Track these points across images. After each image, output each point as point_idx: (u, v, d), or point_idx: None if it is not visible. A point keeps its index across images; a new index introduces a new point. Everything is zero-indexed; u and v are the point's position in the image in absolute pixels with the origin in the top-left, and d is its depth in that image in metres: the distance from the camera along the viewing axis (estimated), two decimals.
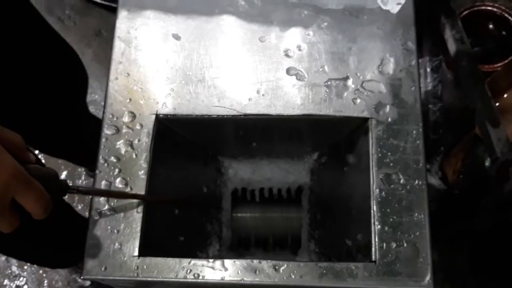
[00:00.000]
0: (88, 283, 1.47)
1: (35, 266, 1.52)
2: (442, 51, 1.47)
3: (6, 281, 1.51)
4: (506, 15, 1.45)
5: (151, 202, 0.73)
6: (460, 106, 1.40)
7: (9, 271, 1.53)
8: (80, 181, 1.62)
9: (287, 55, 0.78)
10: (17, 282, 1.52)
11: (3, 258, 1.54)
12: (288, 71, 0.77)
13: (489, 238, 1.27)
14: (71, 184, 0.64)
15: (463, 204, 1.30)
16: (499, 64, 1.40)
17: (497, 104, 1.37)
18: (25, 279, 1.52)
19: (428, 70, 1.47)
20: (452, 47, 1.26)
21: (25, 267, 1.53)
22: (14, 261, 1.53)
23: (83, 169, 1.62)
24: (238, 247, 0.96)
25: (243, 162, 0.96)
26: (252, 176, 0.97)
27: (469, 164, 1.36)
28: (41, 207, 0.56)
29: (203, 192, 0.92)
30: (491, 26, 1.49)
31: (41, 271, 1.51)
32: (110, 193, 0.72)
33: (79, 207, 1.58)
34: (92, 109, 1.52)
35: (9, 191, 0.53)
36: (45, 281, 1.51)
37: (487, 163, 1.10)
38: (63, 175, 1.63)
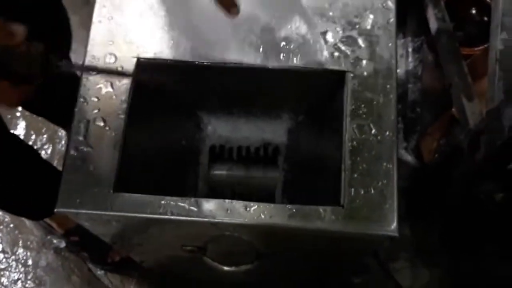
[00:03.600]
0: (63, 244, 1.47)
1: (11, 226, 1.52)
2: (424, 32, 1.49)
3: None
4: (489, 0, 1.47)
5: None
6: (439, 86, 1.43)
7: None
8: (60, 145, 1.62)
9: None
10: None
11: None
12: (269, 24, 0.79)
13: (460, 214, 1.30)
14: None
15: (436, 179, 1.33)
16: (478, 48, 1.43)
17: None
18: (0, 239, 1.51)
19: (410, 50, 1.50)
20: (433, 25, 1.29)
21: (1, 227, 1.52)
22: None
23: (63, 133, 1.62)
24: None
25: (222, 119, 0.98)
26: (230, 134, 0.98)
27: (445, 143, 1.39)
28: None
29: (181, 144, 0.93)
30: (473, 11, 1.52)
31: (16, 232, 1.51)
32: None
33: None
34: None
35: None
36: (20, 242, 1.51)
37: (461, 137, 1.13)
38: (43, 138, 1.63)
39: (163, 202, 0.69)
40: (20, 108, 1.60)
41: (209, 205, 0.69)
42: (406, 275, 1.39)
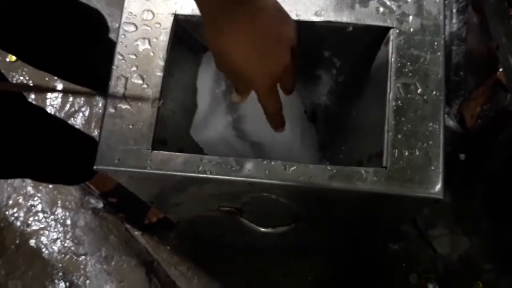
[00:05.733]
0: (101, 204, 1.49)
1: (50, 187, 1.55)
2: None
3: (21, 200, 1.55)
4: None
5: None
6: (484, 50, 1.37)
7: (24, 191, 1.56)
8: (98, 108, 1.63)
9: None
10: (31, 202, 1.55)
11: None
12: None
13: (502, 180, 1.27)
14: None
15: (478, 145, 1.29)
16: None
17: None
18: (39, 199, 1.55)
19: (454, 11, 1.43)
20: None
21: (40, 187, 1.55)
22: (29, 181, 1.56)
23: (100, 98, 1.63)
24: None
25: None
26: None
27: (489, 108, 1.34)
28: None
29: None
30: None
31: (55, 192, 1.54)
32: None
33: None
34: (114, 37, 1.51)
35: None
36: (59, 202, 1.54)
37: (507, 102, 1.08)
38: (81, 101, 1.64)
39: (201, 161, 0.68)
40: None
41: (248, 164, 0.68)
42: (445, 243, 1.37)
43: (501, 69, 1.27)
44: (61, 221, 1.52)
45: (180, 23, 0.75)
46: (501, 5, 1.17)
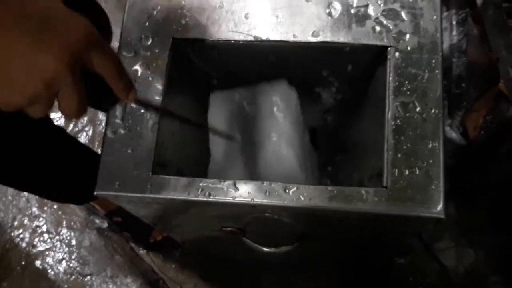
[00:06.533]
0: (105, 224, 1.50)
1: (54, 207, 1.55)
2: (469, 4, 1.43)
3: (26, 221, 1.55)
4: None
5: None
6: (485, 61, 1.37)
7: (30, 212, 1.56)
8: (101, 127, 1.64)
9: None
10: (37, 222, 1.55)
11: (24, 198, 1.57)
12: None
13: (506, 192, 1.26)
14: None
15: (482, 157, 1.28)
16: None
17: None
18: (44, 219, 1.55)
19: (454, 23, 1.44)
20: None
21: (45, 208, 1.56)
22: (34, 201, 1.56)
23: (104, 115, 1.64)
24: None
25: None
26: None
27: (491, 119, 1.34)
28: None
29: None
30: None
31: (60, 212, 1.54)
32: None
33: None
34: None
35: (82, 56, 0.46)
36: (64, 222, 1.54)
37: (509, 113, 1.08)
38: (84, 120, 1.65)
39: (201, 184, 0.68)
40: None
41: (248, 187, 0.68)
42: (451, 255, 1.36)
43: (502, 81, 1.26)
44: (66, 241, 1.53)
45: (178, 47, 0.76)
46: (501, 17, 1.17)
